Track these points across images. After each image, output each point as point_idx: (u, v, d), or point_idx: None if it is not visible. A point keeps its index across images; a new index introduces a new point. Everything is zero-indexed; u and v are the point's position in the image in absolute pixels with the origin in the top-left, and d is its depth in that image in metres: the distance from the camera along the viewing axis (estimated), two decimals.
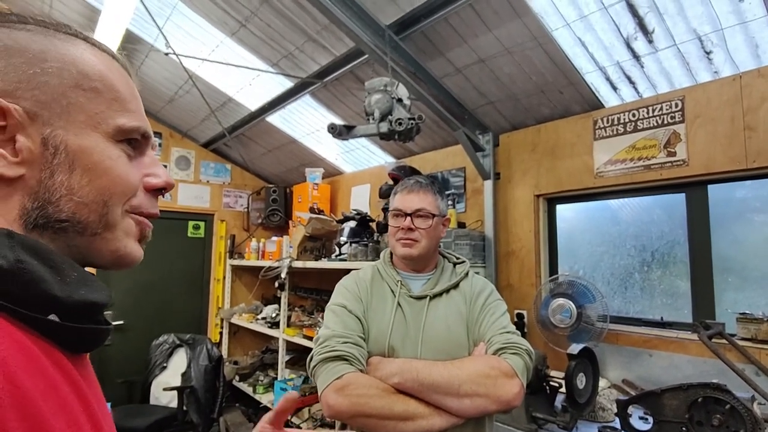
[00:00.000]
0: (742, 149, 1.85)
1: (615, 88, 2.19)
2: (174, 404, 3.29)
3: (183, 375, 3.45)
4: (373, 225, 2.94)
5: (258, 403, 3.70)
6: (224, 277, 4.43)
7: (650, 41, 1.87)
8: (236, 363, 4.06)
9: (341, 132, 1.99)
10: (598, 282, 2.33)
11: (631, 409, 1.62)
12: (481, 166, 2.65)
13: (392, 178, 2.81)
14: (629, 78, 2.10)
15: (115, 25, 2.47)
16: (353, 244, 2.75)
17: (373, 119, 1.95)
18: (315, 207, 3.51)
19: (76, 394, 0.39)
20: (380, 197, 2.92)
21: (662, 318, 2.13)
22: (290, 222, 3.98)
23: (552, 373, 1.90)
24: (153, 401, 3.52)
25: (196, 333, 3.83)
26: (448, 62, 2.31)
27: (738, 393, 1.35)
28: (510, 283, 2.61)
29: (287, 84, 2.96)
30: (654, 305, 2.21)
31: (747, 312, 1.82)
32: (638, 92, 2.16)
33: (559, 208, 2.61)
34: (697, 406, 1.40)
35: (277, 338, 3.43)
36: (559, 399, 1.87)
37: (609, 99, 2.26)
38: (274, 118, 3.49)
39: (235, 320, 4.10)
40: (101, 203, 0.43)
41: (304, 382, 3.16)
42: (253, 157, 4.35)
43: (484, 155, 2.70)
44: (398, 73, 2.08)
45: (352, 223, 2.96)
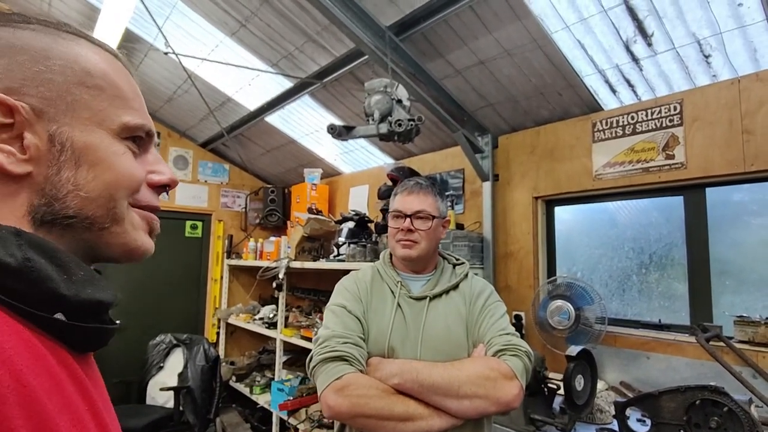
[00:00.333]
0: (740, 153, 1.86)
1: (614, 91, 2.19)
2: (170, 404, 3.28)
3: (180, 375, 3.43)
4: (372, 226, 2.94)
5: (255, 404, 3.69)
6: (221, 277, 4.42)
7: (649, 44, 1.87)
8: (233, 363, 4.05)
9: (341, 133, 1.99)
10: (596, 284, 2.34)
11: (629, 411, 1.63)
12: (480, 168, 2.65)
13: (391, 179, 2.81)
14: (628, 81, 2.11)
15: (115, 24, 2.46)
16: (351, 245, 2.75)
17: (373, 120, 1.95)
18: (313, 207, 3.51)
19: (81, 394, 0.39)
20: (379, 198, 2.92)
21: (660, 320, 2.14)
22: (288, 222, 3.97)
23: (550, 375, 1.90)
24: (149, 401, 3.51)
25: (193, 333, 3.82)
26: (448, 64, 2.31)
27: (735, 395, 1.35)
28: (508, 285, 2.62)
29: (287, 84, 2.96)
30: (652, 307, 2.22)
31: (744, 315, 1.83)
32: (637, 95, 2.17)
33: (558, 210, 2.61)
34: (695, 409, 1.40)
35: (275, 339, 3.42)
36: (557, 401, 1.87)
37: (608, 102, 2.26)
38: (273, 119, 3.49)
39: (233, 320, 4.08)
40: (108, 198, 0.44)
41: (301, 383, 3.15)
42: (252, 157, 4.34)
43: (483, 157, 2.70)
44: (398, 75, 2.08)
45: (351, 224, 2.96)
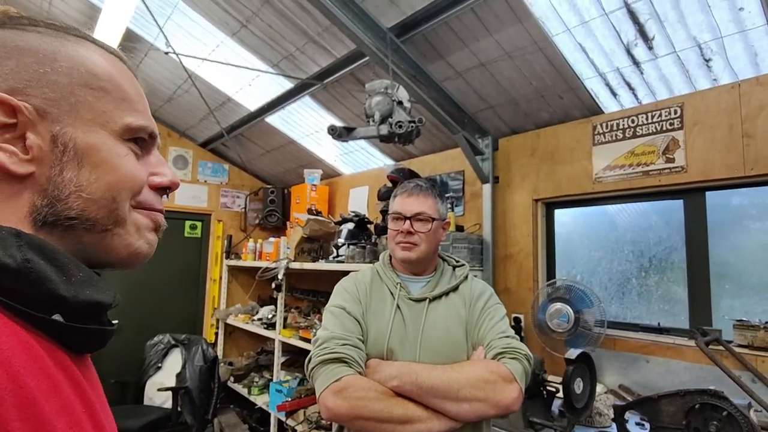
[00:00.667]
0: (740, 157, 1.86)
1: (615, 94, 2.20)
2: (168, 405, 3.27)
3: (178, 375, 3.43)
4: (371, 227, 2.94)
5: (253, 405, 3.68)
6: (220, 278, 4.41)
7: (650, 48, 1.88)
8: (231, 364, 4.04)
9: (341, 134, 1.98)
10: (596, 287, 2.34)
11: (628, 415, 1.63)
12: (480, 170, 2.65)
13: (391, 181, 2.80)
14: (629, 84, 2.11)
15: (116, 24, 2.45)
16: (351, 246, 2.74)
17: (373, 121, 1.95)
18: (313, 208, 3.50)
19: (79, 395, 0.39)
20: (379, 199, 2.92)
21: (659, 324, 2.14)
22: (288, 223, 3.97)
23: (549, 378, 1.90)
24: (147, 402, 3.50)
25: (192, 333, 3.82)
26: (449, 66, 2.31)
27: (735, 400, 1.35)
28: (507, 287, 2.62)
29: (287, 85, 2.96)
30: (651, 311, 2.22)
31: (744, 319, 1.83)
32: (638, 98, 2.17)
33: (558, 213, 2.61)
34: (694, 413, 1.40)
35: (273, 339, 3.41)
36: (556, 404, 1.87)
37: (608, 105, 2.27)
38: (274, 119, 3.49)
39: (231, 321, 4.08)
40: (110, 199, 0.43)
41: (300, 384, 3.14)
42: (252, 158, 4.34)
43: (483, 159, 2.70)
44: (399, 76, 2.08)
45: (350, 225, 2.96)
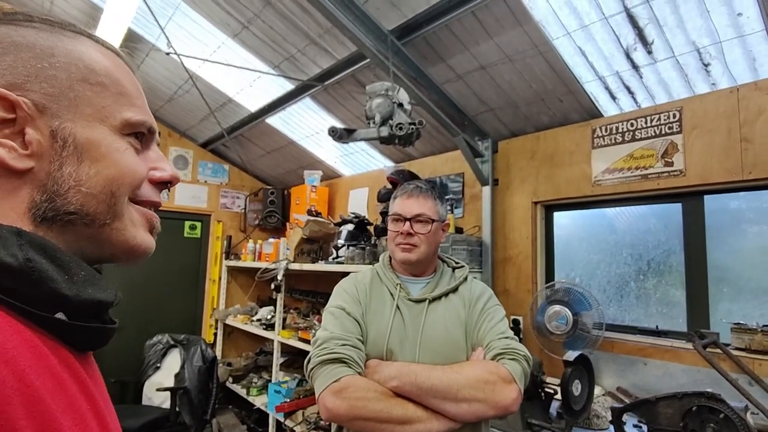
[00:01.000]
0: (739, 161, 1.87)
1: (614, 98, 2.21)
2: (167, 405, 3.27)
3: (176, 376, 3.42)
4: (371, 228, 2.95)
5: (251, 405, 3.68)
6: (220, 278, 4.42)
7: (649, 52, 1.89)
8: (230, 365, 4.04)
9: (342, 135, 1.99)
10: (594, 290, 2.34)
11: (626, 417, 1.63)
12: (480, 172, 2.66)
13: (391, 182, 2.81)
14: (628, 88, 2.12)
15: (117, 24, 2.46)
16: (350, 247, 2.75)
17: (374, 123, 1.95)
18: (313, 209, 3.51)
19: (83, 392, 0.39)
20: (378, 201, 2.93)
21: (657, 326, 2.15)
22: (287, 224, 3.97)
23: (547, 380, 1.90)
24: (146, 402, 3.50)
25: (191, 333, 3.82)
26: (449, 68, 2.32)
27: (732, 402, 1.36)
28: (506, 289, 2.62)
29: (288, 86, 2.97)
30: (649, 314, 2.23)
31: (741, 322, 1.83)
32: (637, 102, 2.18)
33: (557, 216, 2.62)
34: (692, 415, 1.41)
35: (272, 340, 3.41)
36: (555, 405, 1.88)
37: (608, 108, 2.28)
38: (274, 120, 3.49)
39: (230, 321, 4.08)
40: (109, 194, 0.44)
41: (299, 385, 3.14)
42: (252, 158, 4.35)
43: (483, 161, 2.71)
44: (399, 78, 2.09)
45: (350, 226, 2.96)
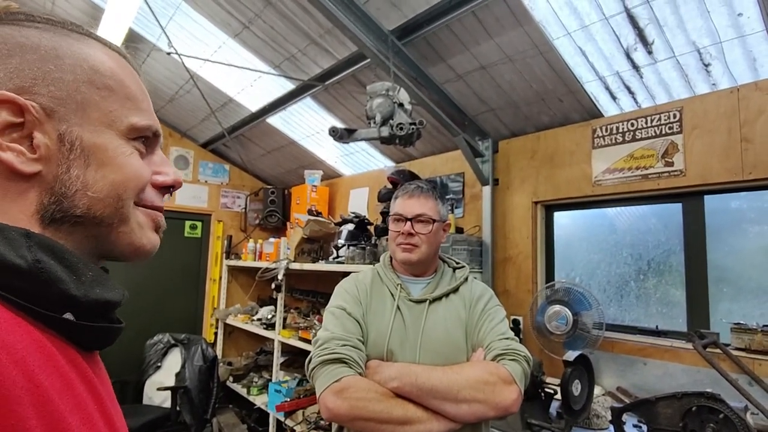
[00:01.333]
0: (739, 161, 1.87)
1: (614, 98, 2.21)
2: (167, 404, 3.27)
3: (177, 375, 3.43)
4: (371, 228, 2.95)
5: (252, 405, 3.68)
6: (220, 278, 4.42)
7: (650, 52, 1.89)
8: (230, 364, 4.04)
9: (342, 135, 1.99)
10: (594, 289, 2.34)
11: (626, 417, 1.63)
12: (480, 172, 2.66)
13: (391, 182, 2.81)
14: (628, 88, 2.12)
15: (118, 24, 2.46)
16: (351, 247, 2.75)
17: (374, 123, 1.95)
18: (313, 209, 3.51)
19: (90, 392, 0.39)
20: (379, 201, 2.93)
21: (657, 326, 2.15)
22: (288, 223, 3.97)
23: (547, 380, 1.91)
24: (146, 401, 3.51)
25: (191, 333, 3.82)
26: (450, 68, 2.33)
27: (731, 402, 1.36)
28: (506, 289, 2.62)
29: (289, 86, 2.97)
30: (649, 314, 2.23)
31: (741, 322, 1.84)
32: (637, 102, 2.18)
33: (557, 216, 2.62)
34: (691, 415, 1.41)
35: (273, 340, 3.42)
36: (554, 405, 1.88)
37: (608, 108, 2.28)
38: (275, 120, 3.50)
39: (231, 321, 4.08)
40: (115, 197, 0.44)
41: (299, 385, 3.15)
42: (252, 158, 4.35)
43: (484, 161, 2.71)
44: (400, 78, 2.09)
45: (350, 226, 2.97)
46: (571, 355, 1.77)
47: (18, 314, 0.36)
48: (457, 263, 1.41)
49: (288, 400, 2.96)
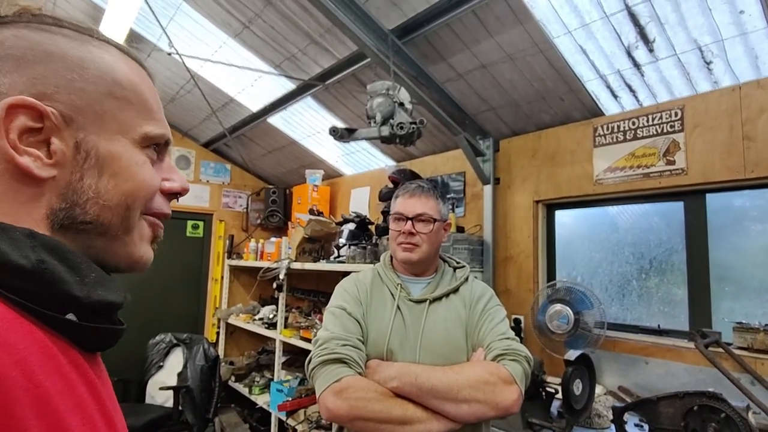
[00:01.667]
0: (741, 159, 1.86)
1: (615, 96, 2.20)
2: (170, 404, 3.28)
3: (179, 374, 3.44)
4: (372, 228, 2.95)
5: (254, 404, 3.69)
6: (222, 277, 4.43)
7: (651, 50, 1.88)
8: (232, 363, 4.05)
9: (343, 135, 1.99)
10: (596, 289, 2.34)
11: (627, 416, 1.63)
12: (481, 171, 2.65)
13: (392, 182, 2.81)
14: (630, 86, 2.11)
15: (119, 25, 2.47)
16: (352, 247, 2.75)
17: (375, 122, 1.95)
18: (314, 209, 3.51)
19: (91, 393, 0.40)
20: (380, 200, 2.93)
21: (659, 326, 2.14)
22: (289, 223, 3.98)
23: (548, 379, 1.90)
24: (149, 400, 3.52)
25: (193, 333, 3.83)
26: (450, 67, 2.32)
27: (733, 402, 1.35)
28: (507, 289, 2.62)
29: (289, 86, 2.97)
30: (651, 313, 2.22)
31: (743, 321, 1.83)
32: (638, 101, 2.17)
33: (558, 214, 2.62)
34: (693, 415, 1.41)
35: (274, 339, 3.42)
36: (555, 405, 1.88)
37: (609, 107, 2.27)
38: (275, 120, 3.50)
39: (232, 320, 4.09)
40: (124, 207, 0.45)
41: (300, 384, 3.15)
42: (253, 158, 4.35)
43: (485, 160, 2.71)
44: (400, 77, 2.09)
45: (351, 226, 2.97)
46: (573, 355, 1.77)
47: (21, 314, 0.36)
48: (458, 263, 1.40)
49: (290, 400, 2.97)
